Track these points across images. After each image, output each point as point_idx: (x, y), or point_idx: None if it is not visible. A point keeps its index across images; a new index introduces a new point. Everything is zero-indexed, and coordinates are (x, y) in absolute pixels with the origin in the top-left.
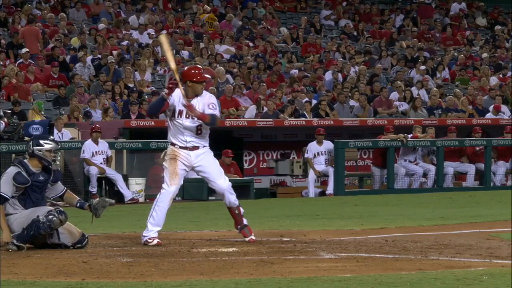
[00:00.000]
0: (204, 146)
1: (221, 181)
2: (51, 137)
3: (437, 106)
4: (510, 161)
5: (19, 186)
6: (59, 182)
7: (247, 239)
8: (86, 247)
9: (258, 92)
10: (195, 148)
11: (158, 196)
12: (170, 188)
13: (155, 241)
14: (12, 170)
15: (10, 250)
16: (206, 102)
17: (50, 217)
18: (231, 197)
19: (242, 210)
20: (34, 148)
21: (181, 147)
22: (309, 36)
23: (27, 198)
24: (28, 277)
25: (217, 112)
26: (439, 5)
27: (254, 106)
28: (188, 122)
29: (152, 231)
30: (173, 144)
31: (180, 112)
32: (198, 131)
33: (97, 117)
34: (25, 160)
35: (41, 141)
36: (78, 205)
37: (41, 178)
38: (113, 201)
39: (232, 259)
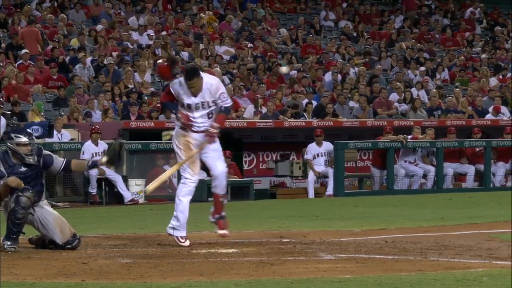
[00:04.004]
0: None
1: (220, 164)
2: (28, 130)
3: (437, 107)
4: (510, 162)
5: None
6: (54, 160)
7: (219, 231)
8: (78, 248)
9: (257, 92)
10: (206, 130)
11: (181, 188)
12: (194, 177)
13: (188, 242)
14: None
15: (9, 252)
16: (214, 92)
17: (18, 199)
18: (224, 183)
19: (225, 201)
20: (7, 141)
21: (193, 131)
22: (308, 37)
23: (13, 190)
24: (28, 278)
25: (229, 101)
26: (439, 6)
27: (252, 105)
28: (198, 114)
29: (184, 230)
30: (183, 128)
31: (189, 105)
32: (209, 115)
33: (97, 118)
34: (9, 151)
35: (13, 135)
36: (90, 164)
37: (22, 169)
38: (121, 141)
39: (232, 260)
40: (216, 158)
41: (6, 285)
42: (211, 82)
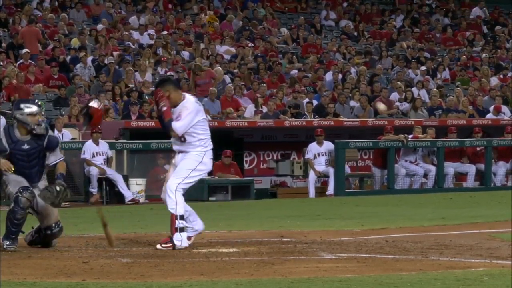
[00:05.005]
0: (188, 152)
1: (171, 179)
2: (36, 101)
3: (438, 106)
4: (511, 161)
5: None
6: (57, 149)
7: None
8: (58, 235)
9: (258, 92)
10: (180, 152)
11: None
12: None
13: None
14: None
15: (9, 252)
16: (179, 110)
17: (17, 199)
18: (168, 200)
19: (176, 222)
20: (15, 112)
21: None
22: (309, 36)
23: (16, 167)
24: (28, 277)
25: (178, 123)
26: (439, 5)
27: (253, 105)
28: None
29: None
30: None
31: None
32: (181, 139)
33: None
34: (14, 125)
35: (22, 105)
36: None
37: (26, 146)
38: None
39: (233, 259)
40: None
41: (7, 285)
42: (185, 106)
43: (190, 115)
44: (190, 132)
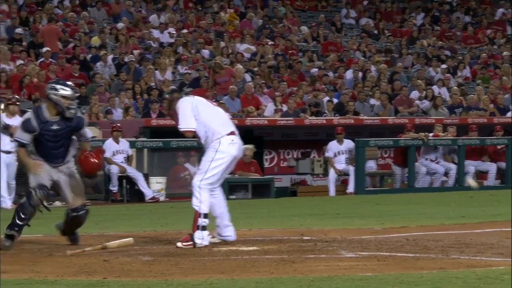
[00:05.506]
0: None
1: (195, 177)
2: (71, 84)
3: (458, 104)
4: None
5: (29, 134)
6: (85, 128)
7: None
8: (84, 218)
9: (278, 90)
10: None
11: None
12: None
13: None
14: (25, 116)
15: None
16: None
17: (31, 196)
18: (193, 197)
19: (199, 220)
20: (50, 91)
21: None
22: (329, 34)
23: (42, 147)
24: (49, 275)
25: (179, 125)
26: (460, 3)
27: (272, 103)
28: None
29: None
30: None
31: None
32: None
33: (118, 116)
34: (42, 106)
35: (58, 86)
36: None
37: (55, 127)
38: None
39: (253, 258)
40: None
41: (28, 283)
42: None
43: (181, 112)
44: (198, 130)
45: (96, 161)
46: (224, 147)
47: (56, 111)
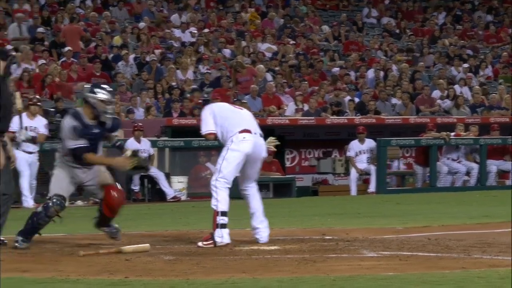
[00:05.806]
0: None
1: (212, 177)
2: (109, 88)
3: (480, 104)
4: None
5: (84, 139)
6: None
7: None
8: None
9: (299, 89)
10: None
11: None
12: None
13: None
14: (69, 123)
15: (18, 247)
16: None
17: (48, 206)
18: (212, 196)
19: (217, 218)
20: (88, 94)
21: None
22: (351, 34)
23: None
24: (72, 274)
25: (201, 130)
26: (482, 2)
27: (293, 102)
28: None
29: None
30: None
31: None
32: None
33: (139, 115)
34: (78, 110)
35: (96, 89)
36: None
37: (96, 130)
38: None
39: (275, 257)
40: None
41: (51, 281)
42: None
43: (202, 119)
44: (217, 132)
45: (117, 195)
46: (235, 145)
47: (93, 115)
